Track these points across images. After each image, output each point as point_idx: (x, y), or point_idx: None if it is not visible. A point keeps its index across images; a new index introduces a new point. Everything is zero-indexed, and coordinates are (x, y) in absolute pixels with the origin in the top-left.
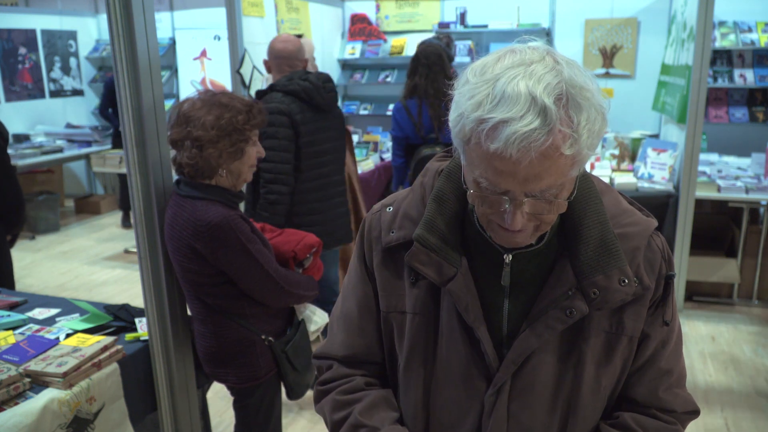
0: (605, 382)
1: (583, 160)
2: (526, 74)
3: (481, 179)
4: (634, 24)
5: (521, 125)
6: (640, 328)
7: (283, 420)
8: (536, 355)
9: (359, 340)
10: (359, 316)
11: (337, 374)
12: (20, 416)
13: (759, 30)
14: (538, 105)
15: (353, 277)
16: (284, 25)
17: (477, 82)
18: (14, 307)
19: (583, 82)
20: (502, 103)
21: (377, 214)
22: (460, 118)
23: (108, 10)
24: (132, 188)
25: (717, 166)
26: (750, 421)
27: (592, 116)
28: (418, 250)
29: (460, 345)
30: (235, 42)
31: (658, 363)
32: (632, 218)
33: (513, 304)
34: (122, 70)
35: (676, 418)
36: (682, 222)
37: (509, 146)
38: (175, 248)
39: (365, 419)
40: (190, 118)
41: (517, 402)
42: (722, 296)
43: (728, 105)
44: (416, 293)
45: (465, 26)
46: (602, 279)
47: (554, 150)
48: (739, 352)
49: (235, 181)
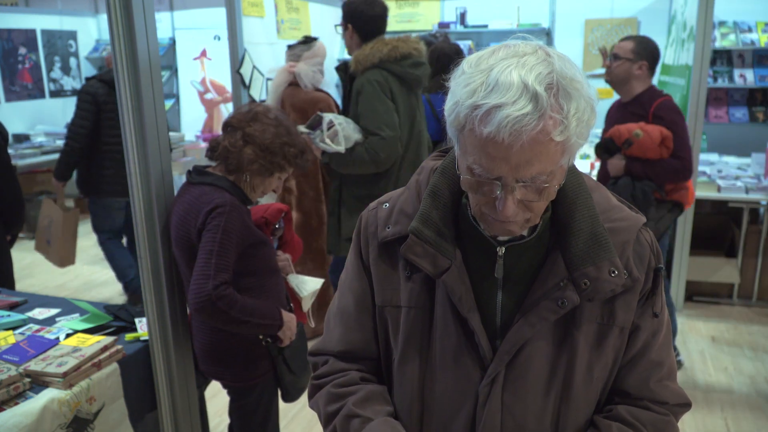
0: (597, 373)
1: (573, 149)
2: (519, 64)
3: (474, 165)
4: (634, 24)
5: (513, 110)
6: (630, 320)
7: (281, 421)
8: (529, 346)
9: (357, 335)
10: (356, 311)
11: (333, 369)
12: (20, 416)
13: (759, 30)
14: (530, 92)
15: (350, 273)
16: (284, 25)
17: (472, 72)
18: (14, 307)
19: (573, 74)
20: (496, 90)
21: (373, 211)
22: (456, 106)
23: (108, 10)
24: (132, 188)
25: (717, 166)
26: (750, 421)
27: (581, 106)
28: (413, 242)
29: (455, 337)
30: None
31: (649, 354)
32: (621, 214)
33: (506, 296)
34: (122, 70)
35: (669, 410)
36: (682, 222)
37: (502, 130)
38: (179, 237)
39: (359, 410)
40: (258, 118)
41: (511, 392)
42: (722, 296)
43: (728, 105)
44: (411, 287)
45: (465, 26)
46: (593, 270)
47: (545, 135)
48: (739, 352)
49: (249, 190)
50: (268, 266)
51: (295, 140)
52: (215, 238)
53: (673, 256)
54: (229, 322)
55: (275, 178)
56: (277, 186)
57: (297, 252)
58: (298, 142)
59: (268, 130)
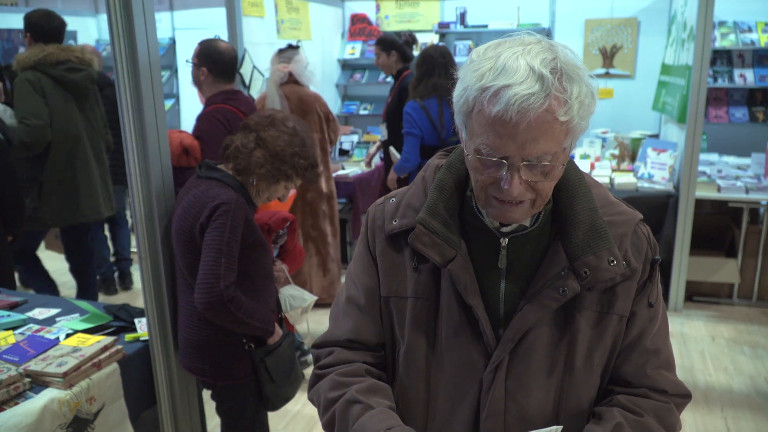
0: (597, 359)
1: (575, 131)
2: (525, 51)
3: (482, 146)
4: (634, 24)
5: (521, 89)
6: (628, 308)
7: (281, 421)
8: (532, 333)
9: (366, 324)
10: (366, 302)
11: (338, 359)
12: (20, 416)
13: (759, 30)
14: (536, 74)
15: (359, 266)
16: (284, 25)
17: (481, 59)
18: (14, 307)
19: (575, 61)
20: (504, 73)
21: (381, 206)
22: (465, 91)
23: (108, 10)
24: (132, 188)
25: (717, 166)
26: (750, 421)
27: (583, 90)
28: (420, 232)
29: (459, 326)
30: (235, 42)
31: (644, 342)
32: (619, 209)
33: (509, 286)
34: (122, 70)
35: (669, 399)
36: (682, 222)
37: (510, 108)
38: (180, 228)
39: (362, 396)
40: (274, 124)
41: (514, 379)
42: (722, 296)
43: (728, 105)
44: (418, 277)
45: (465, 26)
46: (593, 259)
47: (550, 114)
48: (739, 352)
49: (254, 193)
50: (264, 270)
51: (307, 152)
52: (222, 237)
53: (673, 256)
54: (232, 322)
55: (281, 186)
56: (283, 194)
57: (297, 262)
58: (310, 155)
59: (282, 137)
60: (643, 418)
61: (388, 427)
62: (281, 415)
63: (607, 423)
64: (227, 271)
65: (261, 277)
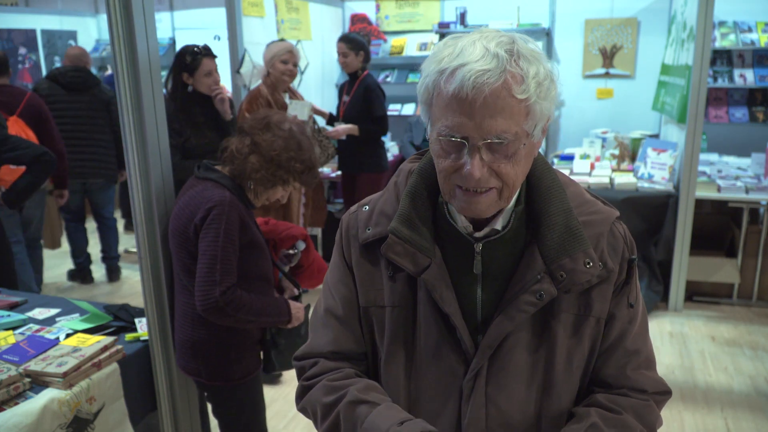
0: (576, 362)
1: (536, 113)
2: (483, 38)
3: (442, 128)
4: (634, 24)
5: (476, 66)
6: (606, 310)
7: (281, 422)
8: (510, 339)
9: (346, 336)
10: (344, 312)
11: (325, 368)
12: (20, 416)
13: (759, 30)
14: (491, 53)
15: (335, 275)
16: (284, 25)
17: (441, 48)
18: (14, 307)
19: (533, 48)
20: (461, 55)
21: (354, 214)
22: (425, 78)
23: (108, 10)
24: (132, 188)
25: (717, 166)
26: (750, 421)
27: (541, 72)
28: (393, 241)
29: (437, 334)
30: (235, 42)
31: (625, 343)
32: (595, 208)
33: (486, 292)
34: (122, 70)
35: (649, 398)
36: (682, 222)
37: (465, 83)
38: (176, 228)
39: (364, 395)
40: (270, 128)
41: (494, 385)
42: (722, 296)
43: (728, 105)
44: (394, 286)
45: (465, 26)
46: (568, 261)
47: (506, 90)
48: (739, 352)
49: (252, 196)
50: (260, 273)
51: (304, 155)
52: (217, 243)
53: (673, 256)
54: (237, 323)
55: (279, 189)
56: (282, 196)
57: (316, 279)
58: (307, 158)
59: (277, 141)
60: (622, 416)
61: (401, 421)
62: (281, 415)
63: (583, 422)
64: (223, 276)
65: (256, 278)
